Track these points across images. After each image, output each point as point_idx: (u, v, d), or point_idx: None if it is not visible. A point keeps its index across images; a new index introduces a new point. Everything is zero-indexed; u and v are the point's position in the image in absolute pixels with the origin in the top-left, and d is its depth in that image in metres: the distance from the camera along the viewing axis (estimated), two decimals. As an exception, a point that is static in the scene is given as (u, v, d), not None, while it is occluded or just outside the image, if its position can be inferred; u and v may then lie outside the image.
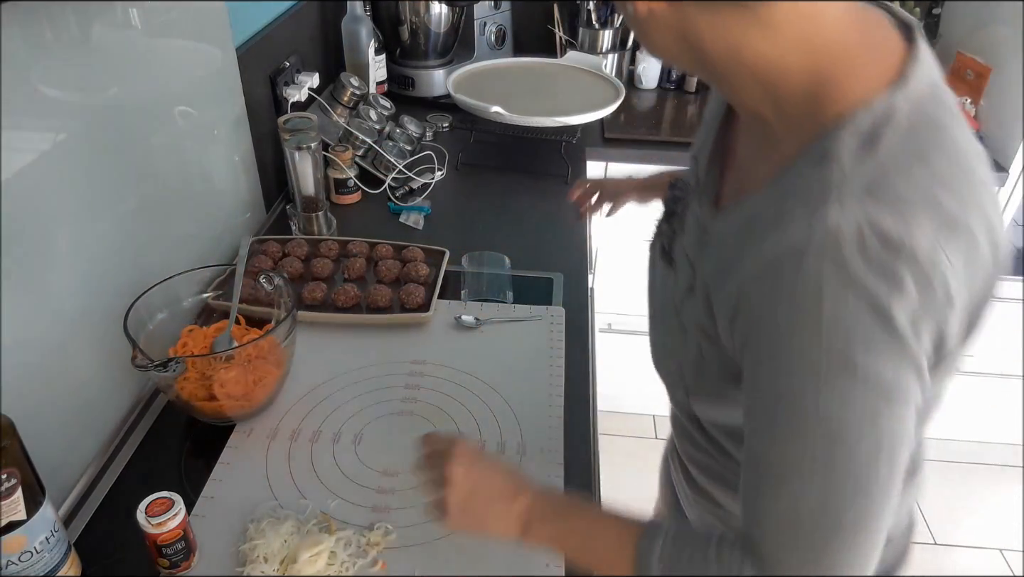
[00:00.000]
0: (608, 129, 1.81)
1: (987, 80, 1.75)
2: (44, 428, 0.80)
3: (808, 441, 0.50)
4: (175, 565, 0.75)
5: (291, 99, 1.39)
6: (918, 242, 0.47)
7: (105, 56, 0.89)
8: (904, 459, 0.51)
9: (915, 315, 0.47)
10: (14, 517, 0.65)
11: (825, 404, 0.49)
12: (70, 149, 0.84)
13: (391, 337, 1.09)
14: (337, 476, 0.88)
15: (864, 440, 0.49)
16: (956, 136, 0.52)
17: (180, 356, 0.88)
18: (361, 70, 1.72)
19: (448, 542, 0.80)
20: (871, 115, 0.50)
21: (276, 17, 1.47)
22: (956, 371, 0.56)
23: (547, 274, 1.24)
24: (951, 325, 0.50)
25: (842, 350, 0.48)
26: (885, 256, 0.47)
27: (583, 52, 2.06)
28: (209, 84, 1.17)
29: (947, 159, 0.50)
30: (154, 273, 0.96)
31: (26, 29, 0.75)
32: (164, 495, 0.74)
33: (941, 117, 0.52)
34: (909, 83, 0.51)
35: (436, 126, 1.76)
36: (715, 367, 0.63)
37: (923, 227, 0.47)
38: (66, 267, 0.85)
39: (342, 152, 1.41)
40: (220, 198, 1.24)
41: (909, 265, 0.47)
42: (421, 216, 1.42)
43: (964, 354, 0.55)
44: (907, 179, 0.48)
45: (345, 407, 0.97)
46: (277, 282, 0.99)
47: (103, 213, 0.91)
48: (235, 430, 0.94)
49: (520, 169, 1.60)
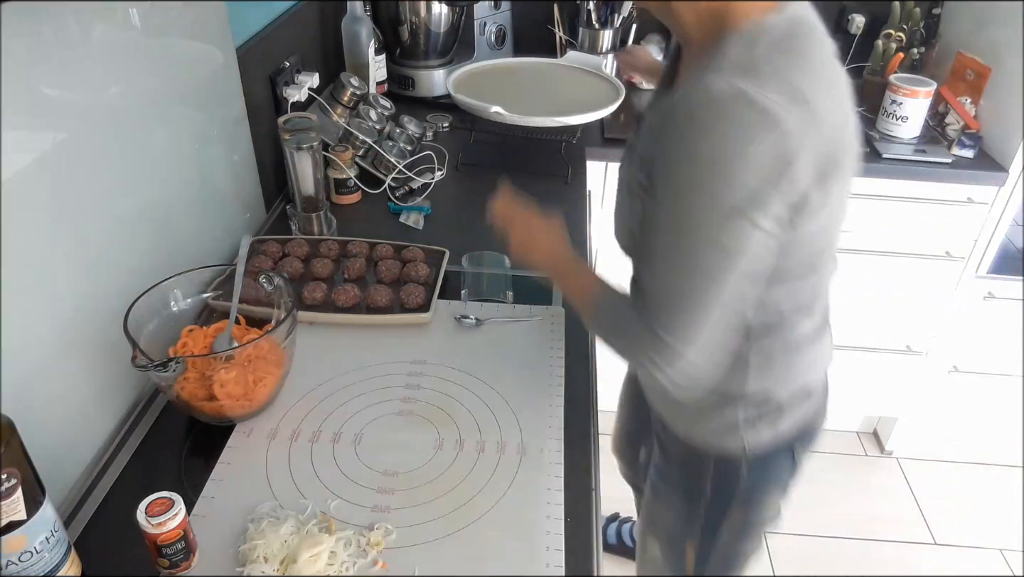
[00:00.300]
0: (608, 129, 1.81)
1: (987, 80, 1.75)
2: (44, 428, 0.80)
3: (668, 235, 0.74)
4: (175, 565, 0.75)
5: (291, 99, 1.39)
6: (766, 100, 0.66)
7: (105, 56, 0.89)
8: (744, 266, 0.72)
9: (757, 148, 0.66)
10: (14, 517, 0.65)
11: (683, 212, 0.71)
12: (70, 149, 0.84)
13: (391, 337, 1.09)
14: (337, 476, 0.88)
15: (703, 242, 0.71)
16: (809, 48, 0.72)
17: (180, 356, 0.89)
18: (361, 70, 1.72)
19: (448, 542, 0.80)
20: (753, 25, 0.72)
21: (276, 17, 1.47)
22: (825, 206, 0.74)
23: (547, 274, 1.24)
24: (797, 165, 0.68)
25: (699, 175, 0.69)
26: (740, 106, 0.66)
27: (583, 52, 2.06)
28: (209, 84, 1.17)
29: (802, 60, 0.71)
30: (154, 273, 0.96)
31: (26, 29, 0.75)
32: (164, 495, 0.74)
33: (802, 36, 0.72)
34: (784, 10, 0.72)
35: (436, 126, 1.76)
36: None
37: (772, 92, 0.66)
38: (66, 267, 0.85)
39: (342, 152, 1.41)
40: (220, 198, 1.24)
41: (757, 113, 0.66)
42: (421, 216, 1.42)
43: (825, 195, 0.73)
44: (770, 66, 0.68)
45: (345, 407, 0.97)
46: (277, 282, 0.99)
47: (103, 213, 0.91)
48: (235, 430, 0.94)
49: (520, 169, 1.60)
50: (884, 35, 1.95)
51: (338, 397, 0.99)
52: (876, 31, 1.98)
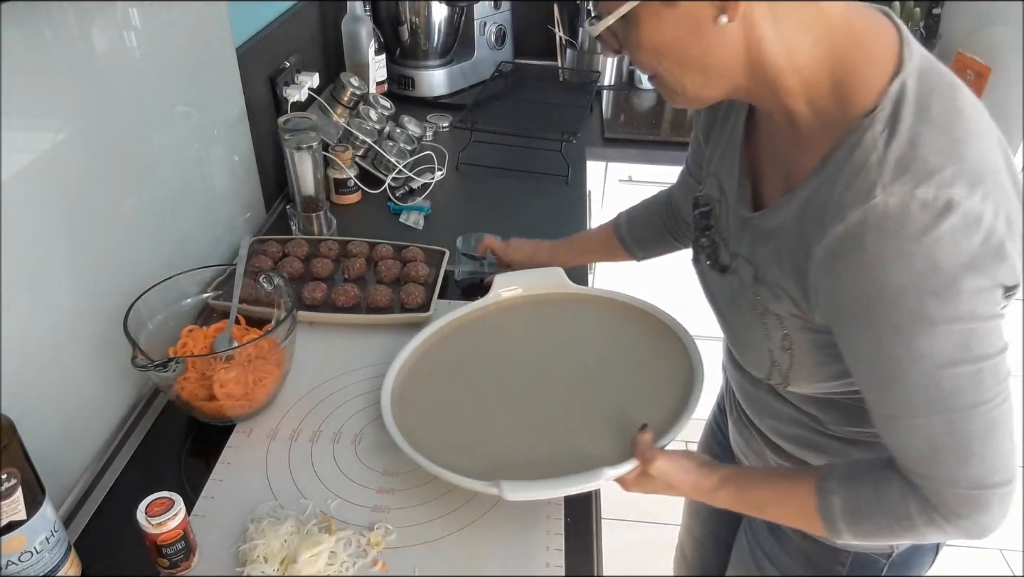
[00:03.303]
0: (608, 129, 1.81)
1: (987, 80, 1.75)
2: (44, 428, 0.80)
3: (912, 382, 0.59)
4: (175, 565, 0.75)
5: (291, 99, 1.39)
6: (954, 199, 0.54)
7: (105, 56, 0.89)
8: (1003, 364, 0.59)
9: (971, 258, 0.55)
10: (14, 517, 0.65)
11: (916, 349, 0.57)
12: (70, 149, 0.84)
13: (391, 337, 1.09)
14: (337, 476, 0.88)
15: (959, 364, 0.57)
16: (957, 98, 0.59)
17: (180, 356, 0.88)
18: (361, 70, 1.72)
19: (448, 542, 0.80)
20: (889, 100, 0.58)
21: (276, 17, 1.47)
22: None
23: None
24: (1012, 255, 0.56)
25: (913, 307, 0.56)
26: (930, 220, 0.54)
27: (583, 51, 2.06)
28: (209, 84, 1.17)
29: (958, 120, 0.58)
30: (154, 273, 0.96)
31: (26, 29, 0.75)
32: (164, 495, 0.74)
33: (942, 87, 0.59)
34: (909, 63, 0.59)
35: (436, 126, 1.76)
36: (805, 344, 0.69)
37: (955, 185, 0.54)
38: (66, 267, 0.85)
39: (342, 152, 1.41)
40: (220, 198, 1.24)
41: (951, 220, 0.54)
42: (421, 216, 1.42)
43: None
44: (930, 148, 0.56)
45: (345, 407, 0.97)
46: (277, 282, 0.99)
47: (103, 213, 0.91)
48: (235, 430, 0.94)
49: (520, 169, 1.60)
50: (884, 35, 1.95)
51: (338, 397, 0.99)
52: (876, 31, 1.98)
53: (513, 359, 0.98)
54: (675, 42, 0.62)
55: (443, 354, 1.00)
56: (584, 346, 1.00)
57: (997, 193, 0.56)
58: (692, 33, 0.60)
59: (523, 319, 1.05)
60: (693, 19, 0.59)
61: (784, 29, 0.60)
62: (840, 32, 0.60)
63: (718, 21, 0.58)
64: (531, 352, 0.99)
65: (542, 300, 1.08)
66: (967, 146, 0.56)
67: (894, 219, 0.55)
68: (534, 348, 0.99)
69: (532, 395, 0.90)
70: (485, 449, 0.83)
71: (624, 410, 0.85)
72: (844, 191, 0.58)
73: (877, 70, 0.59)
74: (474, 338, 1.03)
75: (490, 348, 1.00)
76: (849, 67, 0.60)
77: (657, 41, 0.62)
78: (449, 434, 0.86)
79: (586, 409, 0.87)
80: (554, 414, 0.87)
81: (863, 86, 0.59)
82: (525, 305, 1.08)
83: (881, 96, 0.58)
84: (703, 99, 0.67)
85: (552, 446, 0.82)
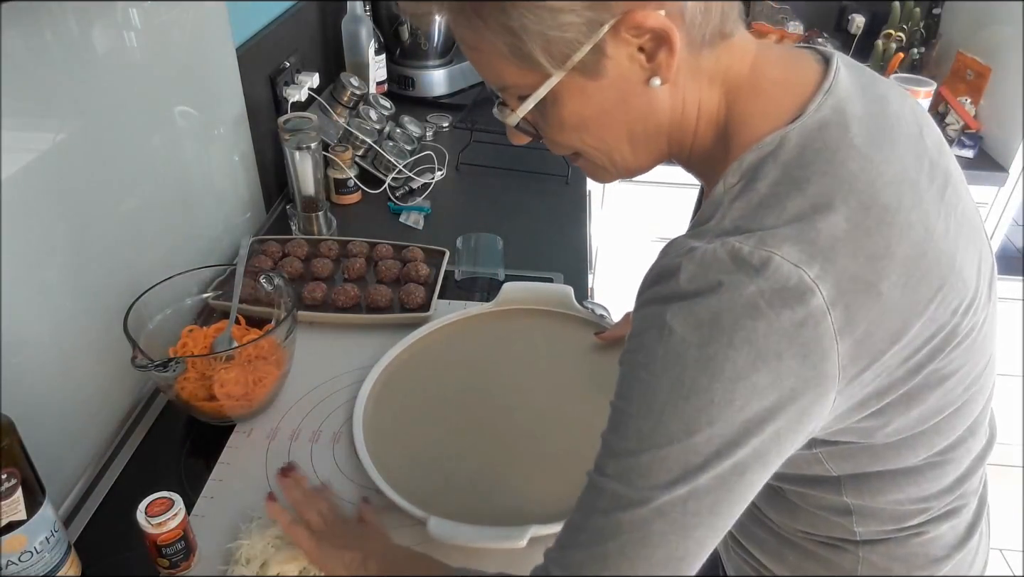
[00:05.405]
0: (608, 129, 1.81)
1: (987, 80, 1.75)
2: (44, 428, 0.80)
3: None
4: (175, 565, 0.75)
5: (291, 99, 1.39)
6: (777, 262, 0.47)
7: (105, 56, 0.89)
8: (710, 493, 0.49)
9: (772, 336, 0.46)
10: (14, 517, 0.65)
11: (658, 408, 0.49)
12: (70, 149, 0.84)
13: (391, 337, 1.09)
14: (337, 476, 0.88)
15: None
16: (846, 159, 0.51)
17: (180, 356, 0.89)
18: (361, 70, 1.72)
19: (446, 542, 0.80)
20: (757, 152, 0.52)
21: (276, 17, 1.47)
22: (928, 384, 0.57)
23: (547, 274, 1.24)
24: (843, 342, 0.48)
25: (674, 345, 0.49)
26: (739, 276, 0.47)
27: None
28: (209, 84, 1.17)
29: (832, 183, 0.50)
30: (154, 273, 0.96)
31: (26, 29, 0.75)
32: (164, 495, 0.74)
33: (834, 144, 0.51)
34: (805, 115, 0.52)
35: (436, 126, 1.76)
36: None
37: (785, 251, 0.47)
38: (66, 267, 0.85)
39: (342, 152, 1.41)
40: (220, 198, 1.24)
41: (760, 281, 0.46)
42: (421, 216, 1.42)
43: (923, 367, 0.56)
44: (778, 211, 0.49)
45: (345, 407, 0.97)
46: (277, 282, 0.99)
47: (103, 213, 0.91)
48: (235, 430, 0.94)
49: (520, 169, 1.60)
50: (884, 35, 1.95)
51: (338, 397, 0.99)
52: (876, 31, 1.98)
53: (490, 379, 1.00)
54: (602, 115, 0.56)
55: (426, 361, 1.03)
56: (567, 373, 1.01)
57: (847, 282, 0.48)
58: (621, 102, 0.55)
59: (514, 335, 1.07)
60: (622, 87, 0.54)
61: (701, 84, 0.56)
62: (746, 84, 0.56)
63: (650, 84, 0.54)
64: (510, 373, 1.01)
65: (542, 316, 1.11)
66: (830, 216, 0.48)
67: (699, 261, 0.48)
68: (514, 369, 1.02)
69: (496, 423, 0.93)
70: (436, 472, 0.86)
71: (579, 455, 0.66)
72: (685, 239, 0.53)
73: (766, 122, 0.54)
74: (461, 346, 1.06)
75: (472, 361, 1.03)
76: (737, 119, 0.56)
77: (584, 116, 0.57)
78: (409, 446, 0.89)
79: (543, 451, 0.89)
80: (511, 452, 0.89)
81: (744, 135, 0.55)
82: (522, 319, 1.10)
83: (750, 150, 0.53)
84: (633, 171, 0.62)
85: (495, 488, 0.85)
